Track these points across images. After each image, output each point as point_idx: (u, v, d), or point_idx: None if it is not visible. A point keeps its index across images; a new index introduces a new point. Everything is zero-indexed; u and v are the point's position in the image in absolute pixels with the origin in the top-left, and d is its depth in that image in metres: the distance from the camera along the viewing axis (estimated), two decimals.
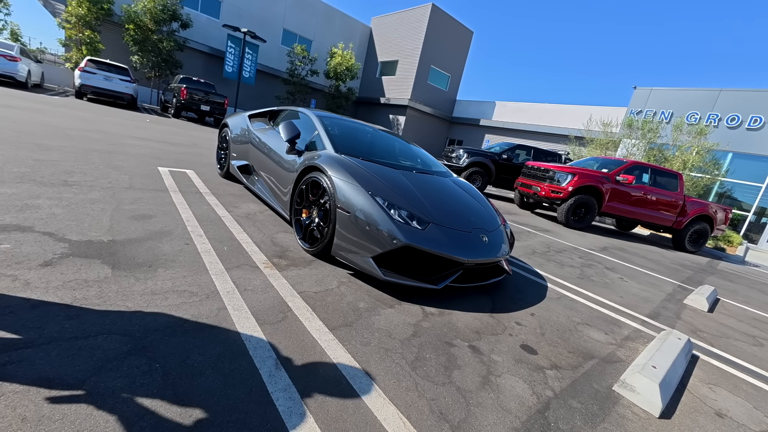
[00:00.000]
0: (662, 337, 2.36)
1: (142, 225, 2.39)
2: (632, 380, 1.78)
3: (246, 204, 3.51)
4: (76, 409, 1.02)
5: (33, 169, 3.06)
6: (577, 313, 2.69)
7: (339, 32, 21.80)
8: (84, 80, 10.50)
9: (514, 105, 19.95)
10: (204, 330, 1.49)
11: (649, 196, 7.33)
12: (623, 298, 3.35)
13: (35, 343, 1.22)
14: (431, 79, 20.81)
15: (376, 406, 1.30)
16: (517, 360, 1.84)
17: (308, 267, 2.38)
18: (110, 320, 1.41)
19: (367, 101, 22.39)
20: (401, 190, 2.53)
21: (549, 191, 7.03)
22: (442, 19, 19.85)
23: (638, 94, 14.77)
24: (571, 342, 2.20)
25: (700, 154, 11.68)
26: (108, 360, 1.22)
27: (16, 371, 1.09)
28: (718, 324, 3.25)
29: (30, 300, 1.42)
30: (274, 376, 1.33)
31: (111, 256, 1.89)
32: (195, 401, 1.14)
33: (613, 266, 4.64)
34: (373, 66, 22.73)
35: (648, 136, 12.39)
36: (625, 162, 7.57)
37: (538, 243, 4.94)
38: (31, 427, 0.94)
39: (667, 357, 2.01)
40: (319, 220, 2.56)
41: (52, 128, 5.15)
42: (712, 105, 12.96)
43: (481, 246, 2.46)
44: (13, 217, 2.09)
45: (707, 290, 3.98)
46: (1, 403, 0.99)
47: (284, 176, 3.08)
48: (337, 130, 3.35)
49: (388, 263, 2.23)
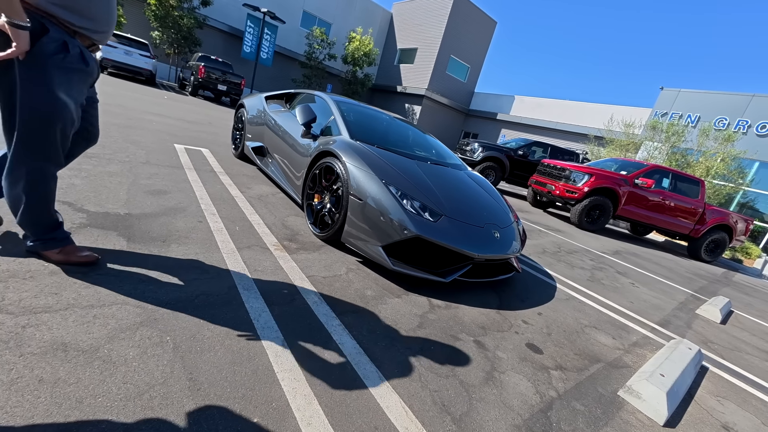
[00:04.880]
0: (672, 345, 2.31)
1: (158, 200, 2.42)
2: (639, 387, 1.76)
3: (259, 185, 3.53)
4: (90, 375, 1.05)
5: None
6: (585, 316, 2.65)
7: (359, 16, 21.43)
8: (105, 54, 10.58)
9: (533, 100, 19.47)
10: (214, 307, 1.51)
11: (667, 201, 7.12)
12: (633, 304, 3.29)
13: (53, 309, 1.25)
14: (450, 70, 20.41)
15: (380, 393, 1.31)
16: (522, 358, 1.83)
17: (318, 252, 2.39)
18: (124, 291, 1.45)
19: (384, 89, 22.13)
20: (415, 180, 2.50)
21: (564, 191, 6.89)
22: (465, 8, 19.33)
23: (665, 95, 14.23)
24: (577, 344, 2.17)
25: (726, 162, 11.26)
26: (121, 329, 1.25)
27: (34, 334, 1.13)
28: (730, 336, 3.17)
29: (48, 267, 1.46)
30: (280, 356, 1.35)
31: (127, 229, 1.93)
32: (203, 375, 1.16)
33: (624, 271, 4.55)
34: (392, 53, 22.37)
35: (672, 140, 11.97)
36: (645, 165, 7.34)
37: (549, 242, 4.87)
38: (48, 388, 0.97)
39: (676, 366, 1.97)
40: (330, 205, 2.55)
41: None
42: (743, 111, 12.42)
43: (493, 242, 2.43)
44: None
45: (721, 301, 3.88)
46: (20, 363, 1.02)
47: (298, 160, 3.07)
48: (353, 116, 3.32)
49: (397, 253, 2.23)
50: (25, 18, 1.11)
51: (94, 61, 1.37)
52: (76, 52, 1.27)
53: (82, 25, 1.27)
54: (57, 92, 1.25)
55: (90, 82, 1.42)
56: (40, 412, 0.91)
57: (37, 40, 1.17)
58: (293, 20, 19.46)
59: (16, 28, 1.10)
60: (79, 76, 1.30)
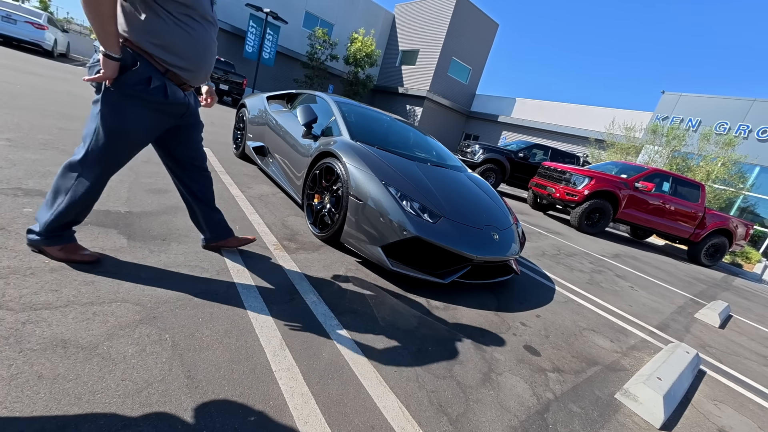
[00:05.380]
0: (670, 349, 2.32)
1: (158, 199, 2.43)
2: (636, 390, 1.76)
3: (259, 185, 3.54)
4: (89, 371, 1.05)
5: (57, 137, 3.13)
6: (583, 319, 2.66)
7: (361, 17, 21.47)
8: None
9: (535, 103, 19.49)
10: (213, 305, 1.52)
11: (668, 205, 7.12)
12: (632, 307, 3.29)
13: (53, 305, 1.26)
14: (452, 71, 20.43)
15: (377, 393, 1.32)
16: (519, 360, 1.84)
17: (317, 252, 2.39)
18: (124, 289, 1.45)
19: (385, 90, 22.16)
20: (415, 181, 2.51)
21: (564, 193, 6.90)
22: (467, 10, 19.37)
23: (666, 99, 14.24)
24: (575, 347, 2.18)
25: (726, 166, 11.26)
26: (120, 327, 1.26)
27: (34, 330, 1.14)
28: (728, 341, 3.18)
29: (49, 263, 1.47)
30: (278, 355, 1.35)
31: (127, 227, 1.94)
32: (201, 373, 1.17)
33: (624, 274, 4.55)
34: (394, 54, 22.41)
35: (672, 144, 11.98)
36: (645, 169, 7.35)
37: (548, 245, 4.87)
38: (47, 384, 0.98)
39: (674, 370, 1.97)
40: (330, 206, 2.56)
41: (77, 98, 5.25)
42: (744, 115, 12.43)
43: (492, 244, 2.44)
44: (36, 183, 2.15)
45: (720, 306, 3.88)
46: (20, 359, 1.03)
47: (299, 160, 3.08)
48: (354, 117, 3.33)
49: (396, 254, 2.23)
50: (117, 51, 1.29)
51: (179, 96, 1.50)
52: (158, 85, 1.41)
53: (175, 64, 1.42)
54: (125, 115, 1.40)
55: (173, 113, 1.53)
56: (39, 407, 0.92)
57: (126, 71, 1.35)
58: (296, 20, 19.50)
59: (107, 58, 1.28)
60: (154, 107, 1.44)
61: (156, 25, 1.35)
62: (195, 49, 1.46)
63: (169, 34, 1.37)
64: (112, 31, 1.26)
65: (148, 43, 1.36)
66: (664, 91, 14.29)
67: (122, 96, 1.37)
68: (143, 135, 1.49)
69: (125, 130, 1.42)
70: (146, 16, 1.33)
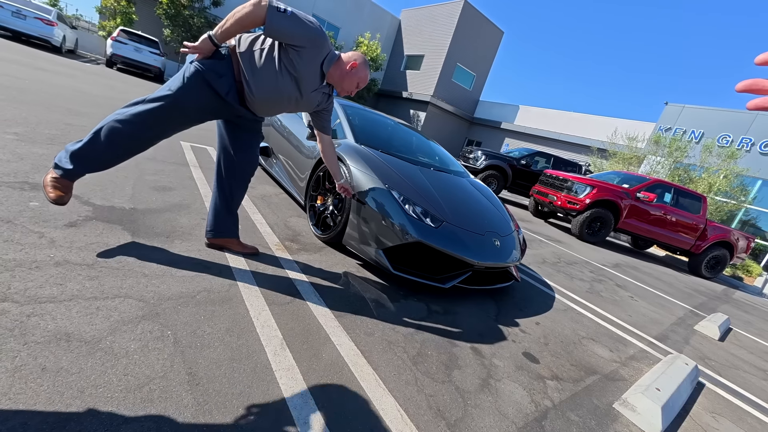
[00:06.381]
0: (669, 360, 2.31)
1: (162, 196, 2.45)
2: (634, 400, 1.76)
3: (262, 185, 3.56)
4: (92, 365, 1.06)
5: (63, 132, 3.16)
6: (582, 327, 2.66)
7: (367, 21, 21.61)
8: (115, 49, 10.72)
9: (538, 110, 19.54)
10: (215, 303, 1.53)
11: (669, 216, 7.12)
12: (632, 317, 3.29)
13: (57, 299, 1.27)
14: (456, 77, 20.51)
15: (376, 396, 1.32)
16: (518, 367, 1.84)
17: (318, 253, 2.40)
18: (127, 285, 1.46)
19: (389, 94, 22.24)
20: (418, 186, 2.52)
21: (565, 201, 6.91)
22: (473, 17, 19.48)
23: (669, 110, 14.28)
24: (574, 355, 2.17)
25: (728, 178, 11.26)
26: (124, 322, 1.27)
27: (38, 323, 1.15)
28: (728, 354, 3.17)
29: (54, 257, 1.48)
30: (278, 355, 1.36)
31: (131, 224, 1.95)
32: (202, 371, 1.17)
33: (624, 284, 4.55)
34: (399, 59, 22.52)
35: (675, 155, 12.00)
36: (647, 179, 7.36)
37: (549, 253, 4.87)
38: (50, 377, 0.99)
39: (673, 381, 1.97)
40: (333, 207, 2.58)
41: (83, 94, 5.29)
42: (747, 128, 12.45)
43: (493, 250, 2.45)
44: (42, 177, 2.16)
45: (720, 318, 3.87)
46: (24, 351, 1.04)
47: (302, 162, 3.10)
48: (358, 120, 3.35)
49: (397, 257, 2.24)
50: (220, 42, 1.53)
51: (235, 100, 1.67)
52: (226, 83, 1.61)
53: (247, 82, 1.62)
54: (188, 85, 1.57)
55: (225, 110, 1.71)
56: (42, 399, 0.92)
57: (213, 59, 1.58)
58: None
59: (209, 39, 1.52)
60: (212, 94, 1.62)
61: (262, 55, 1.60)
62: (268, 86, 1.65)
63: (263, 67, 1.61)
64: (233, 32, 1.51)
65: (245, 59, 1.60)
66: (668, 103, 14.33)
67: (197, 72, 1.56)
68: (193, 108, 1.64)
69: (182, 96, 1.58)
70: (265, 47, 1.60)
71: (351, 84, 1.83)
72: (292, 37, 1.55)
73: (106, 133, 1.57)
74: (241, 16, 1.45)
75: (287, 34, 1.53)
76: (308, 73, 1.67)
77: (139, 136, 1.62)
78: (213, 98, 1.63)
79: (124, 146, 1.64)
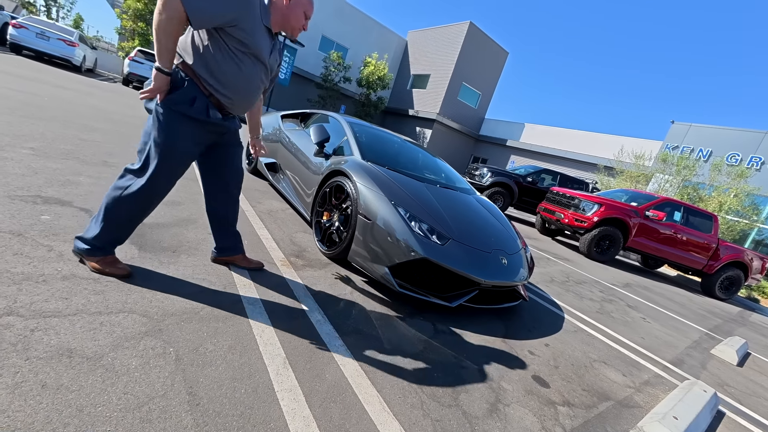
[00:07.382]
0: (686, 386, 2.22)
1: (171, 211, 2.48)
2: (651, 428, 1.68)
3: (269, 201, 3.58)
4: (92, 383, 1.05)
5: (78, 147, 3.24)
6: (594, 350, 2.57)
7: (375, 42, 22.24)
8: (132, 69, 11.14)
9: (544, 129, 19.66)
10: (218, 320, 1.51)
11: (679, 235, 6.99)
12: (645, 340, 3.18)
13: (62, 313, 1.27)
14: (461, 96, 20.84)
15: (380, 420, 1.27)
16: (527, 391, 1.77)
17: (324, 270, 2.39)
18: (132, 299, 1.46)
19: (396, 111, 22.62)
20: (424, 203, 2.52)
21: (573, 219, 6.83)
22: (478, 38, 19.95)
23: (676, 129, 14.27)
24: (586, 379, 2.09)
25: (739, 197, 11.09)
26: (126, 338, 1.26)
27: (42, 338, 1.14)
28: (747, 380, 3.03)
29: (61, 271, 1.49)
30: (281, 375, 1.33)
31: (139, 238, 1.97)
32: (203, 390, 1.15)
33: (635, 304, 4.42)
34: (405, 78, 23.01)
35: (683, 173, 11.90)
36: (656, 197, 7.28)
37: (557, 271, 4.79)
38: (50, 394, 0.97)
39: (691, 409, 1.88)
40: (339, 224, 2.58)
41: (99, 111, 5.46)
42: (756, 147, 12.35)
43: (500, 268, 2.41)
44: (56, 191, 2.21)
45: (737, 342, 3.73)
46: (26, 367, 1.03)
47: (309, 177, 3.13)
48: (365, 137, 3.39)
49: (403, 275, 2.21)
50: (168, 67, 1.41)
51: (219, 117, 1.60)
52: (202, 105, 1.52)
53: (218, 90, 1.53)
54: (172, 129, 1.50)
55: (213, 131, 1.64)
56: (40, 418, 0.91)
57: (175, 90, 1.47)
58: (312, 44, 20.26)
59: (159, 72, 1.40)
60: (197, 123, 1.55)
61: (213, 54, 1.48)
62: (240, 81, 1.56)
63: (221, 64, 1.50)
64: (171, 48, 1.38)
65: (200, 67, 1.49)
66: (674, 121, 14.34)
67: (170, 112, 1.48)
68: (190, 146, 1.59)
69: (173, 143, 1.52)
70: (208, 44, 1.47)
71: (298, 19, 1.63)
72: (223, 15, 1.39)
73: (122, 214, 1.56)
74: (164, 27, 1.32)
75: (217, 14, 1.38)
76: (259, 40, 1.53)
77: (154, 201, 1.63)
78: (200, 126, 1.56)
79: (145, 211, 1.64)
